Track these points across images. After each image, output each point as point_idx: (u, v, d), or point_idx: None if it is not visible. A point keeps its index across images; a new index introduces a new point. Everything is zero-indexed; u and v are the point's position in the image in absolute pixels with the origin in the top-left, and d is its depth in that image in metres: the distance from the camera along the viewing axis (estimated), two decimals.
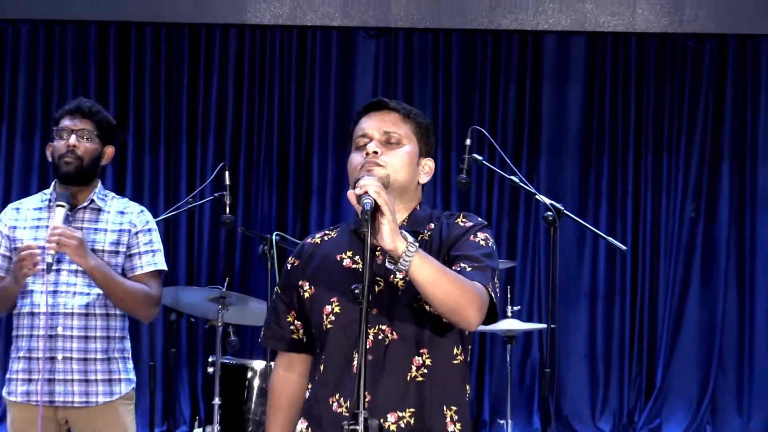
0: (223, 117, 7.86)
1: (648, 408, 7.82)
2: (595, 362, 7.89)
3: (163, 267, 4.16)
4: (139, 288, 4.08)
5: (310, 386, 2.83)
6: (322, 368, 2.77)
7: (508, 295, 5.87)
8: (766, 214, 7.80)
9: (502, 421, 6.38)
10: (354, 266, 2.76)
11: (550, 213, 4.77)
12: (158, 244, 4.20)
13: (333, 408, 2.70)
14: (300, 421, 2.80)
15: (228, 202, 5.49)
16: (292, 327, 2.86)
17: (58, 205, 3.96)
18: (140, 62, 7.86)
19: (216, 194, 5.69)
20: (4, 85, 7.81)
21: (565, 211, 4.89)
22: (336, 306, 2.74)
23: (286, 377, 2.91)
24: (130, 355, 4.25)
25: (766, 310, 7.80)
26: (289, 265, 2.91)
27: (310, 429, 2.78)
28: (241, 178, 7.67)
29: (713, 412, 7.69)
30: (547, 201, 4.84)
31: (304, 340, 2.86)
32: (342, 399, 2.70)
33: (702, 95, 7.75)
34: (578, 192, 7.80)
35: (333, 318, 2.74)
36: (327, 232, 2.91)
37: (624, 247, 5.90)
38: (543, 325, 5.99)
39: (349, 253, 2.77)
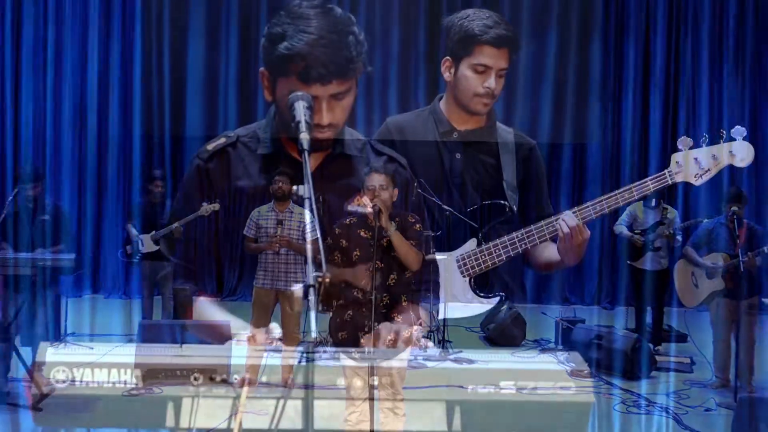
0: None
1: (487, 289, 8.24)
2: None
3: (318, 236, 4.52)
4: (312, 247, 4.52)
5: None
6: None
7: (432, 244, 7.18)
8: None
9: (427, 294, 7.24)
10: (365, 236, 4.34)
11: (447, 213, 7.59)
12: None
13: (354, 293, 4.38)
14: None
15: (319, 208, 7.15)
16: (335, 257, 4.44)
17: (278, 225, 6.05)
18: None
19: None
20: None
21: (454, 212, 7.61)
22: (359, 251, 4.33)
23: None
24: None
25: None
26: (337, 230, 4.42)
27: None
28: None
29: (511, 293, 9.61)
30: (447, 208, 7.61)
31: (339, 261, 4.44)
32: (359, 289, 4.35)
33: (519, 163, 9.43)
34: (457, 206, 9.04)
35: (357, 256, 4.36)
36: (352, 219, 4.38)
37: (476, 225, 8.34)
38: (446, 256, 7.36)
39: (363, 230, 4.34)
